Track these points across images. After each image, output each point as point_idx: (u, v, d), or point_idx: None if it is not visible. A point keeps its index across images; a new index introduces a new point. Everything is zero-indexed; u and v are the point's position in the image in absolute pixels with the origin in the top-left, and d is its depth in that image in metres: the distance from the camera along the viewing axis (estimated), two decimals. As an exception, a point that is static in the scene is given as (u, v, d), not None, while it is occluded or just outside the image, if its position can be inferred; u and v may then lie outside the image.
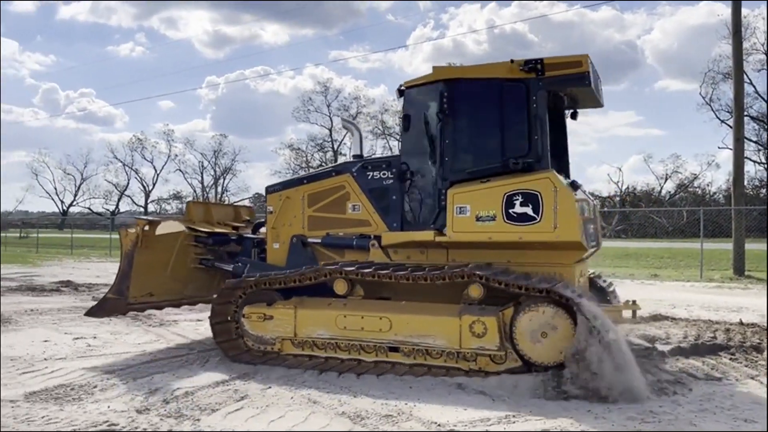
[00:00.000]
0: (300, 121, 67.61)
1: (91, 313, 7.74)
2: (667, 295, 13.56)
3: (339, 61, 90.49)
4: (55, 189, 74.04)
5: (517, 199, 6.14)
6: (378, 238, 6.99)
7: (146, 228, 7.56)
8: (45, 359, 6.98)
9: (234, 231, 8.79)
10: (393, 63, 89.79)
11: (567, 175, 7.28)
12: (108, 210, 73.03)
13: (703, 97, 47.80)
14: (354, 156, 7.61)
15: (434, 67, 6.84)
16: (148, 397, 5.50)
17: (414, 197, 6.92)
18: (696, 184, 58.98)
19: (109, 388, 5.77)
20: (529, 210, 6.10)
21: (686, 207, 47.16)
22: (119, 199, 73.51)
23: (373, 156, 7.63)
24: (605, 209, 55.49)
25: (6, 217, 67.58)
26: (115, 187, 73.15)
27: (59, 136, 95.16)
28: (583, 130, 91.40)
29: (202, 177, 71.77)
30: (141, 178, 73.36)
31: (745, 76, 35.50)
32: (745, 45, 37.32)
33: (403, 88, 7.00)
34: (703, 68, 65.47)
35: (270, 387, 5.81)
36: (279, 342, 6.70)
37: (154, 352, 7.38)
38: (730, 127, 21.75)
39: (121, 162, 71.52)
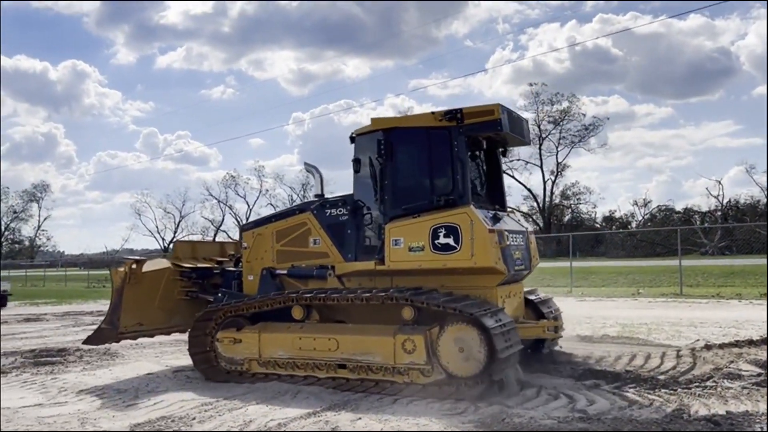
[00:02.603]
0: (383, 150, 68.37)
1: (88, 341, 8.78)
2: (781, 315, 12.57)
3: (419, 90, 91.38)
4: (157, 227, 78.41)
5: (441, 231, 6.95)
6: (334, 268, 7.80)
7: (134, 266, 8.52)
8: (148, 391, 7.34)
9: (218, 265, 9.54)
10: (473, 88, 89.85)
11: (502, 206, 8.13)
12: (205, 246, 76.21)
13: (810, 101, 44.50)
14: (315, 196, 8.40)
15: (372, 119, 7.75)
16: (243, 428, 5.65)
17: (363, 231, 7.72)
18: (807, 194, 54.72)
19: (206, 420, 5.97)
20: (450, 240, 6.89)
21: (798, 219, 43.72)
22: (215, 235, 76.86)
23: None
24: (705, 225, 52.56)
25: (114, 255, 72.11)
26: (212, 223, 76.67)
27: (159, 177, 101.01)
28: (676, 144, 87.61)
29: (291, 210, 73.81)
30: (235, 214, 76.48)
31: None
32: None
33: (354, 135, 7.84)
34: (808, 70, 61.14)
35: (360, 418, 5.83)
36: (247, 362, 7.57)
37: (248, 383, 7.56)
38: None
39: (216, 199, 75.02)
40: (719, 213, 56.81)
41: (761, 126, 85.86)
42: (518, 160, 60.71)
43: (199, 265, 9.46)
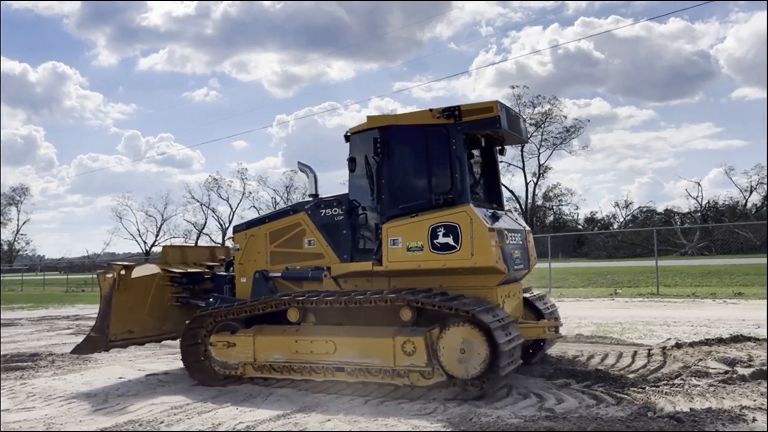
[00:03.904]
0: (367, 153, 68.36)
1: (77, 350, 8.48)
2: (752, 314, 12.79)
3: (403, 92, 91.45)
4: (138, 231, 77.69)
5: (440, 231, 6.82)
6: (330, 269, 7.61)
7: (122, 272, 8.26)
8: (118, 396, 7.27)
9: (208, 270, 9.34)
10: (456, 90, 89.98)
11: (500, 205, 8.00)
12: (187, 249, 75.76)
13: (786, 103, 45.20)
14: (310, 195, 8.26)
15: (368, 117, 7.57)
16: (211, 431, 5.62)
17: (359, 231, 7.57)
18: (785, 194, 55.58)
19: (174, 423, 5.93)
20: (450, 240, 6.77)
21: (774, 219, 44.42)
22: (198, 238, 76.34)
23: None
24: (686, 225, 53.23)
25: (95, 259, 71.40)
26: (194, 226, 76.04)
27: (141, 180, 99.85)
28: (657, 146, 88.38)
29: (275, 212, 73.58)
30: (218, 217, 75.98)
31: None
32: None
33: (348, 134, 7.72)
34: (784, 73, 62.00)
35: (330, 420, 5.83)
36: (241, 366, 7.43)
37: (219, 386, 7.53)
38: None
39: (199, 202, 74.37)
40: (699, 214, 57.48)
41: (740, 128, 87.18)
42: (500, 162, 60.95)
43: (190, 270, 9.23)
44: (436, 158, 7.18)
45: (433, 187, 7.16)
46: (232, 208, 74.43)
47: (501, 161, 8.39)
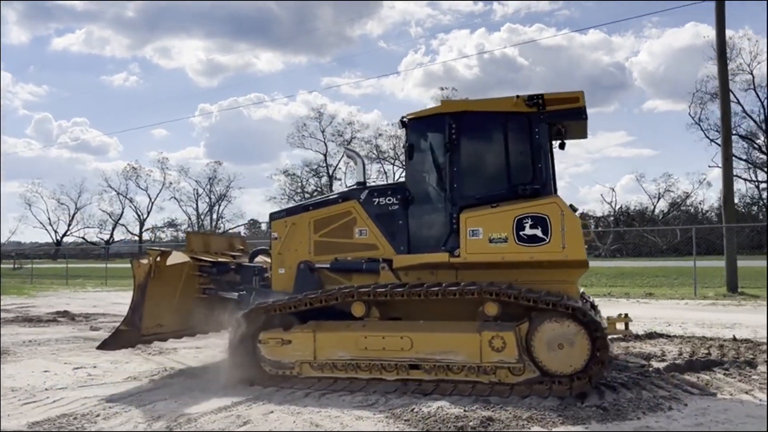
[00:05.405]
0: (294, 146, 68.02)
1: (104, 345, 7.80)
2: (662, 313, 13.68)
3: (332, 88, 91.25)
4: (49, 219, 73.95)
5: (527, 222, 6.57)
6: (388, 261, 7.18)
7: (158, 259, 7.62)
8: (46, 389, 7.02)
9: (232, 260, 8.83)
10: (385, 88, 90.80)
11: None
12: (102, 239, 72.98)
13: (692, 117, 48.29)
14: (357, 183, 7.80)
15: (442, 101, 7.42)
16: (151, 424, 5.55)
17: (420, 221, 7.19)
18: (688, 202, 59.52)
19: (111, 417, 5.81)
20: (538, 232, 6.55)
21: (679, 225, 47.41)
22: (114, 228, 73.57)
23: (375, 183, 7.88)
24: (600, 229, 55.95)
25: (-1, 248, 67.28)
26: (110, 216, 73.21)
27: (53, 166, 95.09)
28: (575, 152, 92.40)
29: (197, 204, 71.97)
30: (135, 207, 73.41)
31: (732, 96, 36.14)
32: (731, 66, 37.91)
33: (406, 119, 7.27)
34: (691, 89, 65.92)
35: (272, 412, 5.86)
36: (298, 365, 6.87)
37: (156, 379, 7.42)
38: (720, 146, 21.93)
39: (116, 191, 71.64)
40: (612, 218, 60.47)
41: (650, 138, 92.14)
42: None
43: (220, 259, 8.64)
44: (516, 147, 6.94)
45: (512, 176, 6.90)
46: (150, 199, 72.24)
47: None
